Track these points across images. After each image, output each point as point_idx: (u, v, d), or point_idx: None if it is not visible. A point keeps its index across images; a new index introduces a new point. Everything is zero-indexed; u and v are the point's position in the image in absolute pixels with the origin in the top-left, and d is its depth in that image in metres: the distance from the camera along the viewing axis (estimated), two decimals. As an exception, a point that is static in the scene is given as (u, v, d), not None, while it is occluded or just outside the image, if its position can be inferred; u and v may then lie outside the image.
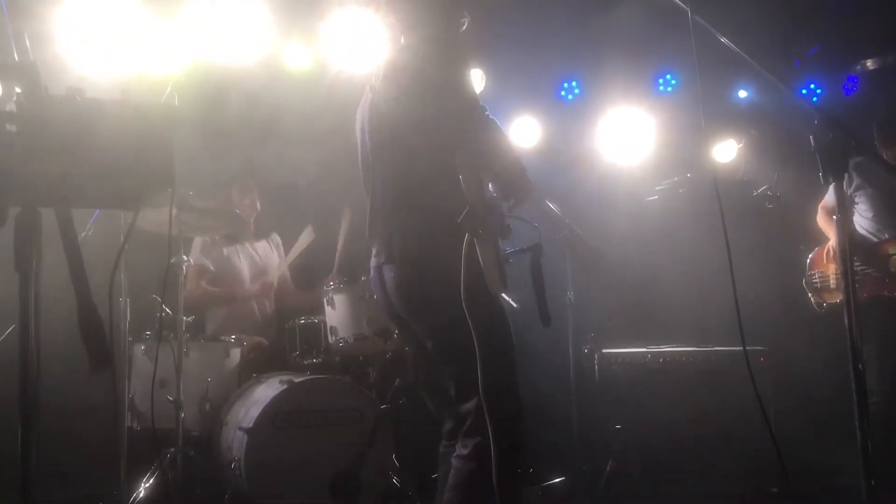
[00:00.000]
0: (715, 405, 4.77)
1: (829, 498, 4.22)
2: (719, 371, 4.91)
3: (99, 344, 1.74)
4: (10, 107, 1.71)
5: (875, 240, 4.58)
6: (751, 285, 3.02)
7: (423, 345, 2.92)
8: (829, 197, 4.71)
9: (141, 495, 3.94)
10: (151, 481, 4.01)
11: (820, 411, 4.88)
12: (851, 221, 4.64)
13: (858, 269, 4.50)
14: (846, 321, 2.17)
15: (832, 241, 4.75)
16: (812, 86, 6.32)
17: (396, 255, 2.81)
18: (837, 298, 4.67)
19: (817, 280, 4.78)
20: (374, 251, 2.96)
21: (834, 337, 2.53)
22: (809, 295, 4.83)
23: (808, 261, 4.85)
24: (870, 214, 4.62)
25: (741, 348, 2.43)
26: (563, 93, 6.43)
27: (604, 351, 5.16)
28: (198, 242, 5.08)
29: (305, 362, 4.50)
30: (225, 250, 5.15)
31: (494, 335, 2.73)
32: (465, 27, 2.95)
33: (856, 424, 2.12)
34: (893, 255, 4.45)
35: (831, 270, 4.71)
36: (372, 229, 2.96)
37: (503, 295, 3.76)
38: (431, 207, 2.77)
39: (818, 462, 4.47)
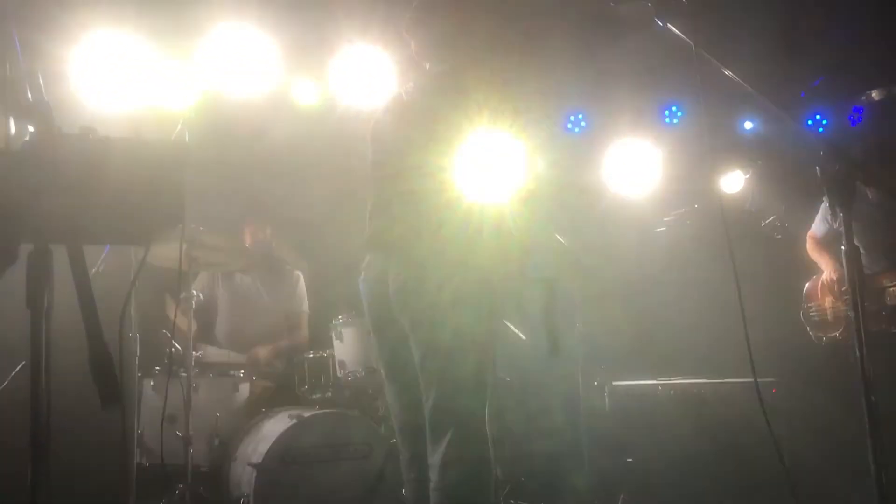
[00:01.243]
0: (727, 437, 4.73)
1: (844, 531, 4.16)
2: (731, 403, 4.87)
3: (109, 380, 1.74)
4: (24, 145, 1.73)
5: (867, 272, 4.54)
6: (761, 316, 3.00)
7: (400, 356, 2.87)
8: (816, 227, 4.69)
9: (150, 532, 3.93)
10: (160, 518, 3.99)
11: (833, 443, 4.82)
12: (839, 254, 4.62)
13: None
14: (857, 352, 2.17)
15: (826, 274, 4.72)
16: (818, 116, 6.33)
17: (416, 259, 2.78)
18: (836, 332, 4.62)
19: (814, 313, 4.74)
20: (376, 252, 2.95)
21: (845, 367, 2.51)
22: (808, 328, 4.79)
23: (804, 293, 4.82)
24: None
25: (752, 380, 2.42)
26: (569, 125, 6.47)
27: (614, 383, 5.13)
28: (202, 276, 5.09)
29: (314, 396, 4.49)
30: (220, 286, 5.13)
31: (487, 364, 2.77)
32: (480, 54, 3.03)
33: (870, 456, 2.11)
34: (889, 287, 4.39)
35: (828, 304, 4.68)
36: (379, 230, 2.95)
37: (510, 325, 3.76)
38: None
39: (832, 494, 4.41)
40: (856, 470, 2.39)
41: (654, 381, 5.11)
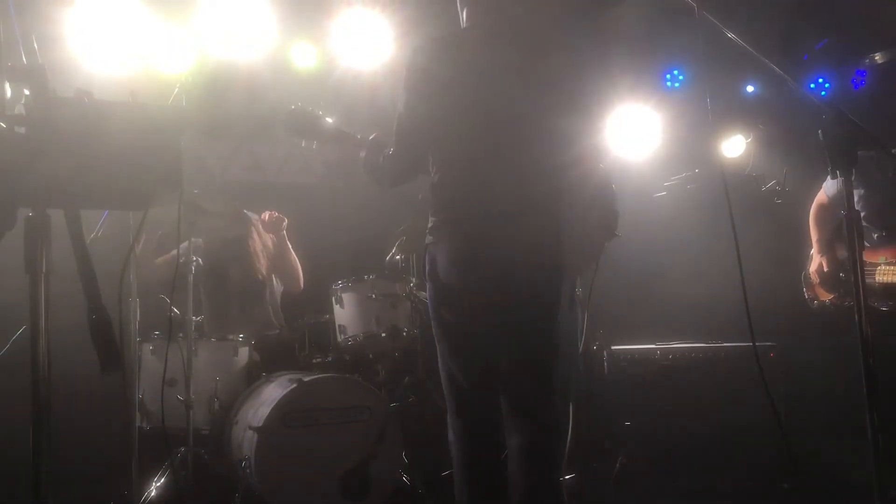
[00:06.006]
0: (725, 401, 4.76)
1: (840, 493, 4.20)
2: (729, 367, 4.89)
3: (109, 345, 1.75)
4: (19, 109, 1.72)
5: (865, 244, 4.45)
6: (760, 281, 3.00)
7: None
8: (828, 188, 4.56)
9: (152, 495, 3.96)
10: (162, 481, 4.02)
11: (830, 406, 4.86)
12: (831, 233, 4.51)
13: (843, 274, 4.38)
14: (856, 316, 2.16)
15: (815, 263, 4.60)
16: (820, 80, 6.29)
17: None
18: (827, 298, 4.54)
19: (811, 275, 4.67)
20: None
21: (844, 332, 2.52)
22: (804, 289, 4.72)
23: (811, 253, 4.76)
24: (862, 214, 4.45)
25: (751, 344, 2.43)
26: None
27: (613, 348, 5.15)
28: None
29: (314, 361, 4.50)
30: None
31: None
32: None
33: (867, 419, 2.11)
34: (881, 264, 4.16)
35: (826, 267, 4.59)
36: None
37: None
38: None
39: (829, 457, 4.46)
40: (854, 432, 2.40)
41: (653, 346, 5.12)
